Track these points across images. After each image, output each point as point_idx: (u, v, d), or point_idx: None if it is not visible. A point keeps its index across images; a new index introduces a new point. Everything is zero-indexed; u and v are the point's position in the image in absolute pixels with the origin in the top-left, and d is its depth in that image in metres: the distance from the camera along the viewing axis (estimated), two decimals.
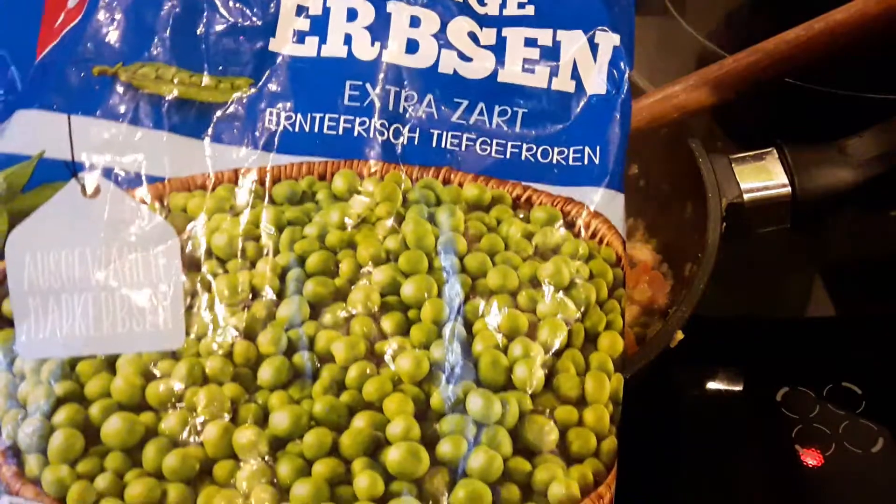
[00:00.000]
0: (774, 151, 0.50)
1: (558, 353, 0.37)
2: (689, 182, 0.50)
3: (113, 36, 0.40)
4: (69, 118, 0.39)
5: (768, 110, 0.58)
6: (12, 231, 0.37)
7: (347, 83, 0.41)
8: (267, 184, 0.40)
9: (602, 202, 0.40)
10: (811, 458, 0.50)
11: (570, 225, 0.40)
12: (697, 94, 0.51)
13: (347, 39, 0.41)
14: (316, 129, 0.40)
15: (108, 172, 0.38)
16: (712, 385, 0.55)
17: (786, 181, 0.49)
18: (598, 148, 0.40)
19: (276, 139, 0.40)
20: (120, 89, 0.39)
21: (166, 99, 0.40)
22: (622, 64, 0.42)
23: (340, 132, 0.40)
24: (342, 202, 0.39)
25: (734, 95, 0.51)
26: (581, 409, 0.36)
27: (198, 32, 0.40)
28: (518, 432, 0.35)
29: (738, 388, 0.54)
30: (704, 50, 0.59)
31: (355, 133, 0.40)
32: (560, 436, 0.35)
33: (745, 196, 0.49)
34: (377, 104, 0.40)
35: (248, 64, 0.41)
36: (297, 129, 0.40)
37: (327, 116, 0.40)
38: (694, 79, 0.51)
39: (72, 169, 0.38)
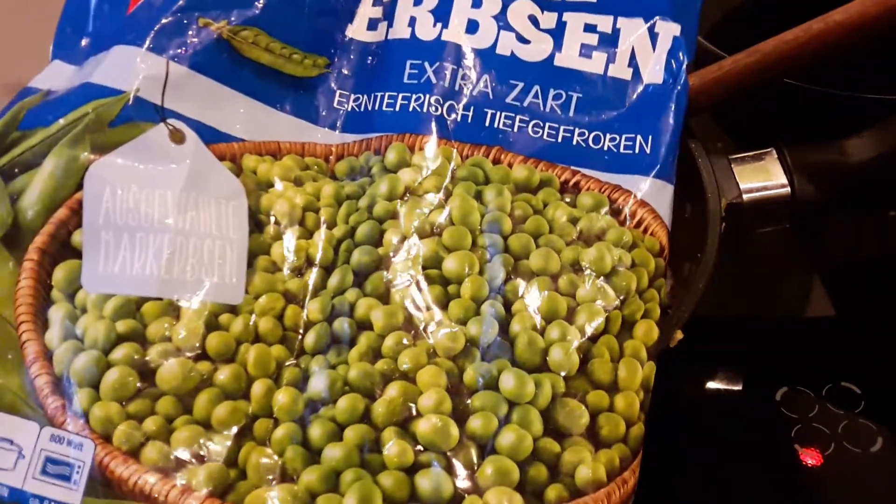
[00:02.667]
0: (774, 151, 0.50)
1: (594, 339, 0.37)
2: (689, 182, 0.49)
3: None
4: (168, 63, 0.39)
5: (768, 110, 0.58)
6: (94, 163, 0.37)
7: (408, 62, 0.41)
8: (331, 160, 0.41)
9: (650, 191, 0.39)
10: (810, 458, 0.50)
11: (616, 212, 0.40)
12: (696, 94, 0.51)
13: (412, 21, 0.42)
14: (376, 107, 0.41)
15: (193, 123, 0.39)
16: (712, 385, 0.55)
17: (785, 181, 0.49)
18: (650, 137, 0.40)
19: (342, 119, 0.42)
20: (218, 46, 0.40)
21: (257, 64, 0.40)
22: (681, 54, 0.42)
23: (397, 108, 0.40)
24: (392, 174, 0.39)
25: (734, 96, 0.51)
26: (612, 394, 0.36)
27: (301, 6, 0.42)
28: (549, 414, 0.35)
29: (738, 388, 0.54)
30: (704, 50, 0.58)
31: (410, 108, 0.40)
32: (590, 420, 0.35)
33: (745, 196, 0.49)
34: (434, 80, 0.41)
35: (328, 46, 0.42)
36: (361, 109, 0.41)
37: (387, 94, 0.41)
38: (693, 79, 0.51)
39: (161, 114, 0.39)
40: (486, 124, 0.40)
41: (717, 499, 0.50)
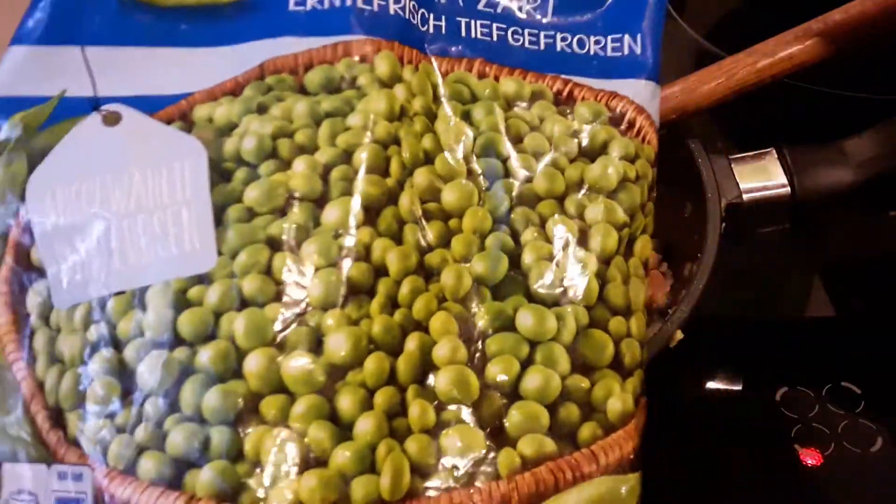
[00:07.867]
0: (774, 152, 0.50)
1: (608, 261, 0.34)
2: (689, 182, 0.50)
3: None
4: (83, 50, 0.35)
5: (768, 110, 0.58)
6: (33, 172, 0.34)
7: None
8: (300, 71, 0.35)
9: (644, 95, 0.37)
10: (810, 458, 0.50)
11: (616, 121, 0.37)
12: (696, 94, 0.51)
13: None
14: (349, 3, 0.35)
15: (131, 101, 0.35)
16: (712, 385, 0.54)
17: (785, 181, 0.49)
18: (637, 36, 0.37)
19: (305, 19, 0.35)
20: (124, 7, 0.35)
21: (180, 8, 0.35)
22: None
23: (375, 8, 0.35)
24: (388, 89, 0.34)
25: (734, 96, 0.51)
26: (628, 318, 0.34)
27: None
28: (575, 348, 0.32)
29: (738, 388, 0.54)
30: (703, 50, 0.58)
31: (391, 11, 0.35)
32: (614, 348, 0.33)
33: (745, 196, 0.49)
34: None
35: None
36: (326, 7, 0.36)
37: None
38: (692, 80, 0.51)
39: (94, 103, 0.35)
40: (463, 34, 0.37)
41: (717, 499, 0.49)
